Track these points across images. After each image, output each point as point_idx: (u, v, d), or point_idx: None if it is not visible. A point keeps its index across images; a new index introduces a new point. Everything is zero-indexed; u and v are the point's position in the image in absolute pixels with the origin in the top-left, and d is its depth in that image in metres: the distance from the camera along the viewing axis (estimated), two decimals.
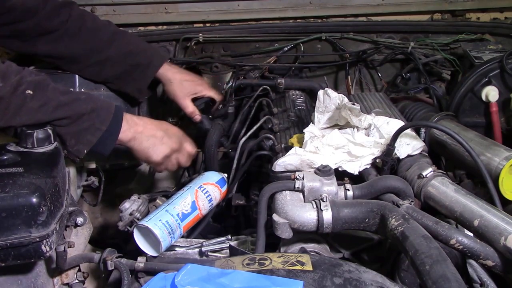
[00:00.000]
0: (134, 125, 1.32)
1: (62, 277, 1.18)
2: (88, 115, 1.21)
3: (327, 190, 1.09)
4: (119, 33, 1.64)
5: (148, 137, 1.34)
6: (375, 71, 2.05)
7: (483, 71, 1.55)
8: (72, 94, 1.24)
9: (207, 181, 1.36)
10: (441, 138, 1.41)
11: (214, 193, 1.35)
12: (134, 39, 1.69)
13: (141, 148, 1.34)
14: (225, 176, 1.43)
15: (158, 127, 1.37)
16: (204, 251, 1.17)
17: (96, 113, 1.23)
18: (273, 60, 1.97)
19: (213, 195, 1.35)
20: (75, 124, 1.19)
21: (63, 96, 1.19)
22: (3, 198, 0.94)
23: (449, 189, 1.12)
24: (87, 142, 1.22)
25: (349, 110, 1.28)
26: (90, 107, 1.22)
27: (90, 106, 1.22)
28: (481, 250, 0.96)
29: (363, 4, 2.04)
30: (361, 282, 0.83)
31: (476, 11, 2.09)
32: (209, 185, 1.35)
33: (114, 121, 1.25)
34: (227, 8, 2.01)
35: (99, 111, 1.24)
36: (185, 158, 1.45)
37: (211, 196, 1.34)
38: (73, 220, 1.18)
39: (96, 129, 1.22)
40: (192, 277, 0.81)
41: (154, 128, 1.36)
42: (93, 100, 1.25)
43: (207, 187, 1.34)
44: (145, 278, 1.09)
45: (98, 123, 1.22)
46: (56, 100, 1.17)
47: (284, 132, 1.46)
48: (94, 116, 1.22)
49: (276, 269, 0.85)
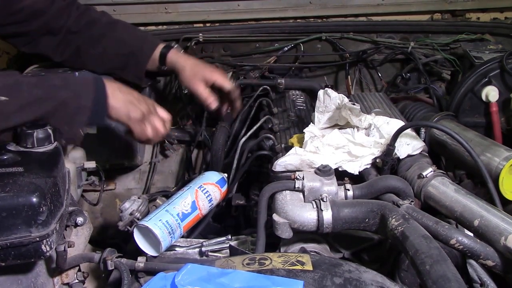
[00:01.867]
0: (111, 87, 1.29)
1: (62, 277, 1.18)
2: (71, 99, 1.18)
3: (327, 190, 1.09)
4: (112, 23, 1.63)
5: (126, 94, 1.31)
6: (375, 71, 2.05)
7: (483, 71, 1.55)
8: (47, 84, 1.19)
9: (207, 181, 1.36)
10: (441, 138, 1.41)
11: (214, 193, 1.35)
12: (127, 28, 1.67)
13: (120, 105, 1.28)
14: (225, 176, 1.43)
15: (131, 90, 1.35)
16: (204, 251, 1.17)
17: (77, 94, 1.19)
18: (273, 60, 1.97)
19: (213, 195, 1.34)
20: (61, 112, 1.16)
21: (39, 89, 1.15)
22: (3, 198, 0.94)
23: (449, 189, 1.12)
24: (79, 123, 1.20)
25: (349, 110, 1.28)
26: (70, 90, 1.19)
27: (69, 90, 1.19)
28: (481, 250, 0.96)
29: (363, 4, 2.05)
30: (361, 282, 0.83)
31: (476, 11, 2.09)
32: (209, 185, 1.35)
33: (97, 94, 1.23)
34: (227, 8, 2.01)
35: (80, 90, 1.20)
36: (160, 123, 1.38)
37: (211, 196, 1.33)
38: (73, 220, 1.18)
39: (83, 108, 1.20)
40: (192, 277, 0.81)
41: (129, 89, 1.34)
42: (69, 81, 1.23)
43: (207, 187, 1.34)
44: (145, 278, 1.09)
45: (83, 102, 1.20)
46: (33, 96, 1.13)
47: (284, 132, 1.46)
48: (76, 97, 1.19)
49: (276, 269, 0.85)
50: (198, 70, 1.58)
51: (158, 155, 1.99)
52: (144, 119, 1.33)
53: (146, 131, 1.35)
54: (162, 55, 1.61)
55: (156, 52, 1.61)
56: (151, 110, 1.36)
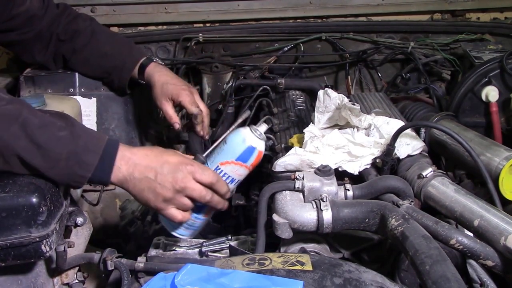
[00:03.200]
0: (125, 164, 1.05)
1: (62, 277, 1.18)
2: (66, 161, 0.98)
3: (327, 190, 1.09)
4: (97, 33, 1.62)
5: (140, 178, 1.05)
6: (375, 71, 2.05)
7: (483, 71, 1.55)
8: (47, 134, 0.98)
9: (225, 160, 1.13)
10: (441, 138, 1.41)
11: (235, 172, 1.13)
12: (110, 39, 1.65)
13: (135, 192, 1.07)
14: (259, 139, 1.14)
15: (153, 162, 1.06)
16: (204, 251, 1.17)
17: (77, 158, 0.99)
18: (273, 60, 1.97)
19: (233, 174, 1.14)
20: (55, 169, 0.99)
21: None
22: (3, 198, 0.94)
23: (449, 189, 1.12)
24: (78, 183, 1.04)
25: (349, 110, 1.28)
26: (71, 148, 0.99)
27: (70, 147, 0.99)
28: (481, 250, 0.96)
29: (363, 4, 2.05)
30: (361, 282, 0.83)
31: (476, 11, 2.09)
32: (227, 165, 1.13)
33: (101, 165, 1.02)
34: (227, 8, 2.01)
35: (81, 155, 1.00)
36: (197, 193, 1.08)
37: (231, 177, 1.14)
38: (73, 220, 1.18)
39: (79, 176, 1.01)
40: (192, 277, 0.81)
41: (146, 165, 1.06)
42: (75, 138, 1.00)
43: (224, 168, 1.13)
44: (145, 278, 1.09)
45: (79, 170, 1.00)
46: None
47: (284, 132, 1.46)
48: (74, 162, 0.99)
49: (276, 269, 0.85)
50: (167, 89, 1.52)
51: None
52: (173, 198, 1.07)
53: (174, 217, 1.09)
54: (141, 69, 1.60)
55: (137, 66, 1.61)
56: (181, 187, 1.06)
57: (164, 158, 1.07)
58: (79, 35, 1.59)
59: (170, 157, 1.08)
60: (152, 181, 1.04)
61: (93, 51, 1.61)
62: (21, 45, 1.57)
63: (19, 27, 1.50)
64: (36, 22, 1.53)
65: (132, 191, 1.07)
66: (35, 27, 1.53)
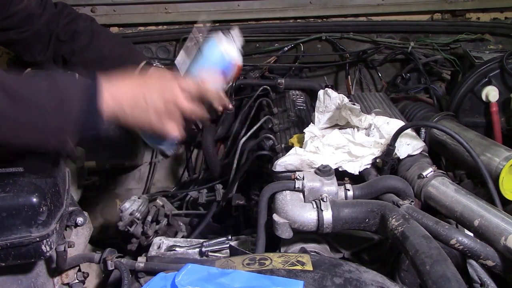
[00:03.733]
0: (112, 99, 1.06)
1: (62, 277, 1.18)
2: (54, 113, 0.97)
3: (327, 190, 1.09)
4: (96, 35, 1.59)
5: (131, 106, 1.08)
6: (375, 71, 2.05)
7: (483, 71, 1.55)
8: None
9: (202, 67, 1.18)
10: (441, 138, 1.41)
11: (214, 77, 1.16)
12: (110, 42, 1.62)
13: (130, 122, 1.09)
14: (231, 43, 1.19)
15: (137, 87, 1.11)
16: (204, 251, 1.17)
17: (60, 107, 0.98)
18: (273, 60, 1.97)
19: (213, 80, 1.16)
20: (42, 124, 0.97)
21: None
22: (3, 198, 0.94)
23: (449, 189, 1.12)
24: (71, 139, 1.02)
25: (349, 110, 1.28)
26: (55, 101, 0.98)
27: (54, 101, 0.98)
28: (481, 250, 0.96)
29: (363, 4, 2.05)
30: (361, 282, 0.83)
31: (476, 11, 2.09)
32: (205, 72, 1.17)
33: (91, 106, 1.02)
34: (227, 8, 2.01)
35: (64, 103, 0.99)
36: (186, 105, 1.12)
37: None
38: (73, 220, 1.18)
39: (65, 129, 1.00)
40: (192, 277, 0.81)
41: (132, 92, 1.09)
42: (57, 89, 1.00)
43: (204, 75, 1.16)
44: (145, 278, 1.09)
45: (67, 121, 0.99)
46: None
47: (284, 132, 1.46)
48: (59, 112, 0.98)
49: (276, 269, 0.85)
50: None
51: (158, 155, 1.99)
52: (162, 119, 1.11)
53: (172, 131, 1.12)
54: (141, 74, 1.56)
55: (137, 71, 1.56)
56: (169, 106, 1.11)
57: (147, 80, 1.17)
58: (78, 36, 1.59)
59: (151, 78, 1.19)
60: (143, 103, 1.08)
61: (92, 54, 1.60)
62: (21, 44, 1.56)
63: (17, 25, 1.50)
64: (34, 21, 1.52)
65: (127, 122, 1.09)
66: (33, 25, 1.52)
